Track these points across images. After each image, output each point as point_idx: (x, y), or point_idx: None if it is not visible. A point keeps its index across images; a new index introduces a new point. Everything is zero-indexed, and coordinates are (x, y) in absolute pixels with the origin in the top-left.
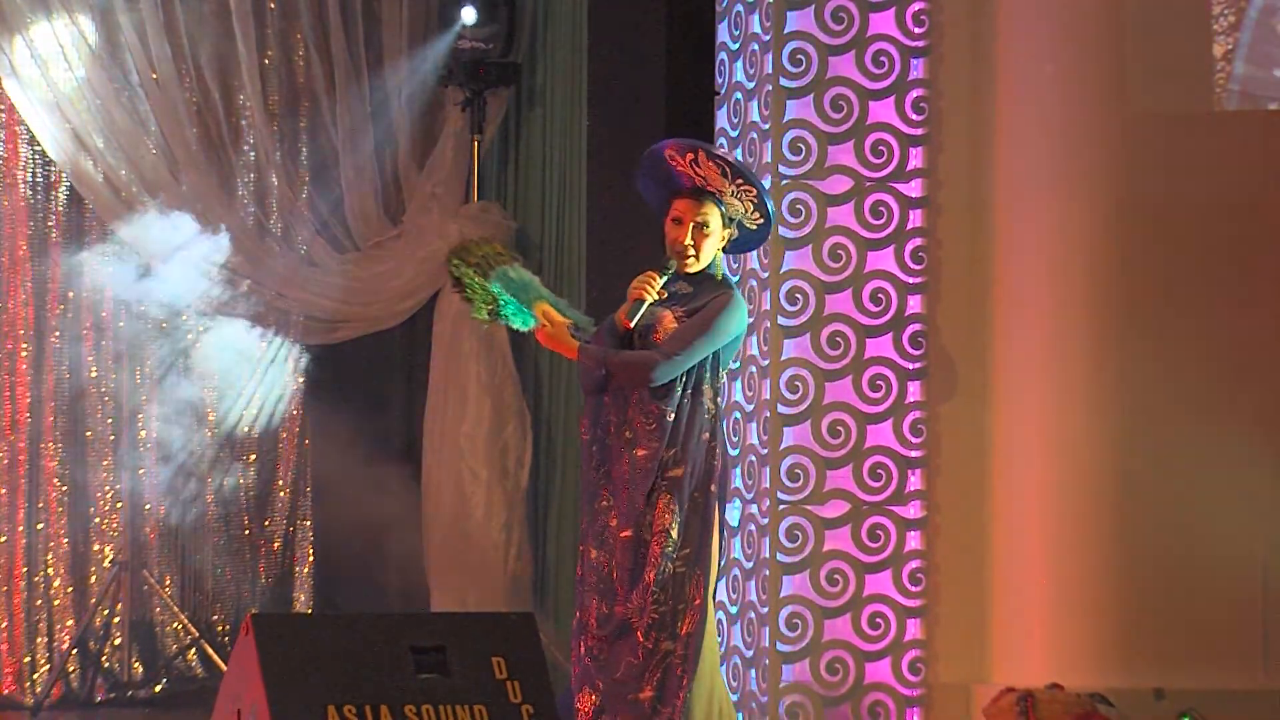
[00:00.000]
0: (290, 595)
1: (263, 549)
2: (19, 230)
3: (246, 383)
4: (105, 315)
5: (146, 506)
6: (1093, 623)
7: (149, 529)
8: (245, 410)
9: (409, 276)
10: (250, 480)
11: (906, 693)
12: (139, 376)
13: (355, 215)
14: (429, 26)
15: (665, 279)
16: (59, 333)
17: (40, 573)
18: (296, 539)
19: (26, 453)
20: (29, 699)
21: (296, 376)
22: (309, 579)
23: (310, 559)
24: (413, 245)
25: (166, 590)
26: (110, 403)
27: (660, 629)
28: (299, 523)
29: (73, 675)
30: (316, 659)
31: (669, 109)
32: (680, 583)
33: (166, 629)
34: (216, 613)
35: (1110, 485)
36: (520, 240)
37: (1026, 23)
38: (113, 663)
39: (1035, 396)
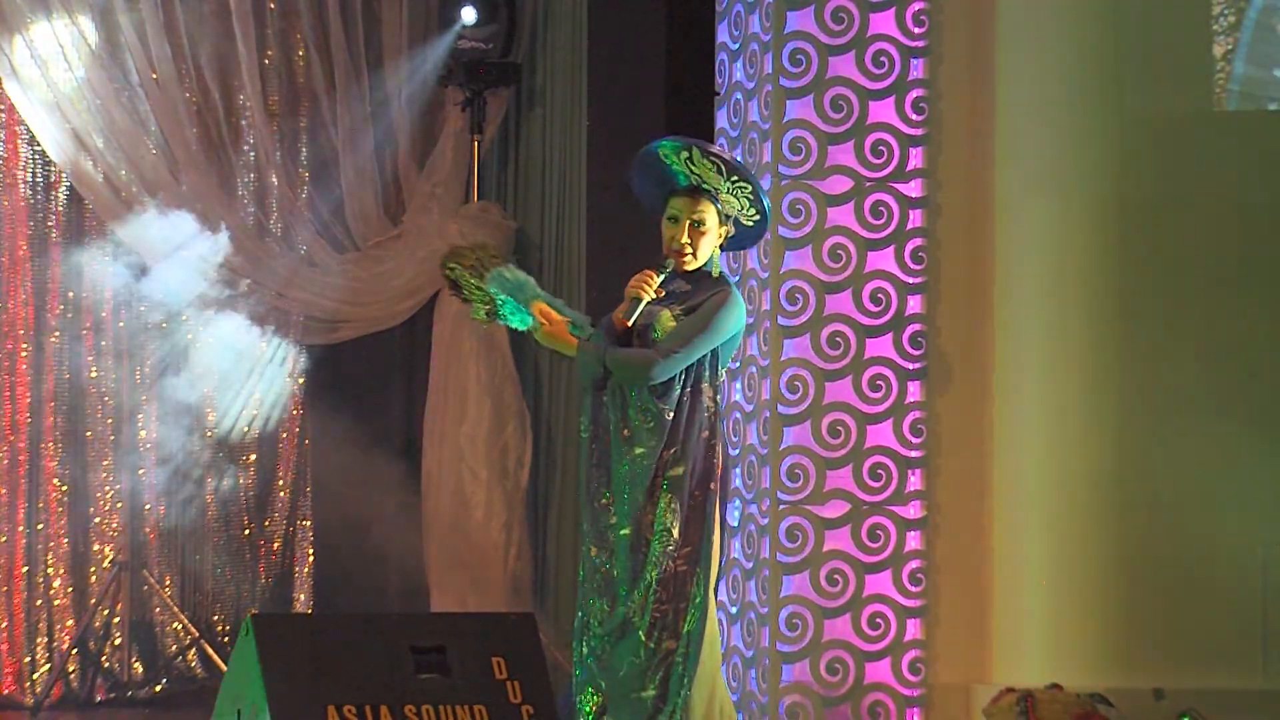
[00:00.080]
0: (290, 595)
1: (263, 549)
2: (19, 230)
3: (246, 383)
4: (105, 315)
5: (146, 506)
6: (1093, 623)
7: (149, 529)
8: (245, 410)
9: (409, 276)
10: (250, 480)
11: (906, 693)
12: (139, 376)
13: (355, 215)
14: (429, 26)
15: (663, 277)
16: (59, 333)
17: (40, 573)
18: (296, 539)
19: (26, 453)
20: (29, 699)
21: (296, 376)
22: (309, 579)
23: (310, 559)
24: (413, 245)
25: (166, 590)
26: (110, 403)
27: (662, 628)
28: (299, 523)
29: (73, 675)
30: (316, 659)
31: (669, 109)
32: (682, 581)
33: (166, 629)
34: (216, 613)
35: (1110, 485)
36: (520, 240)
37: (1026, 23)
38: (113, 663)
39: (1035, 396)
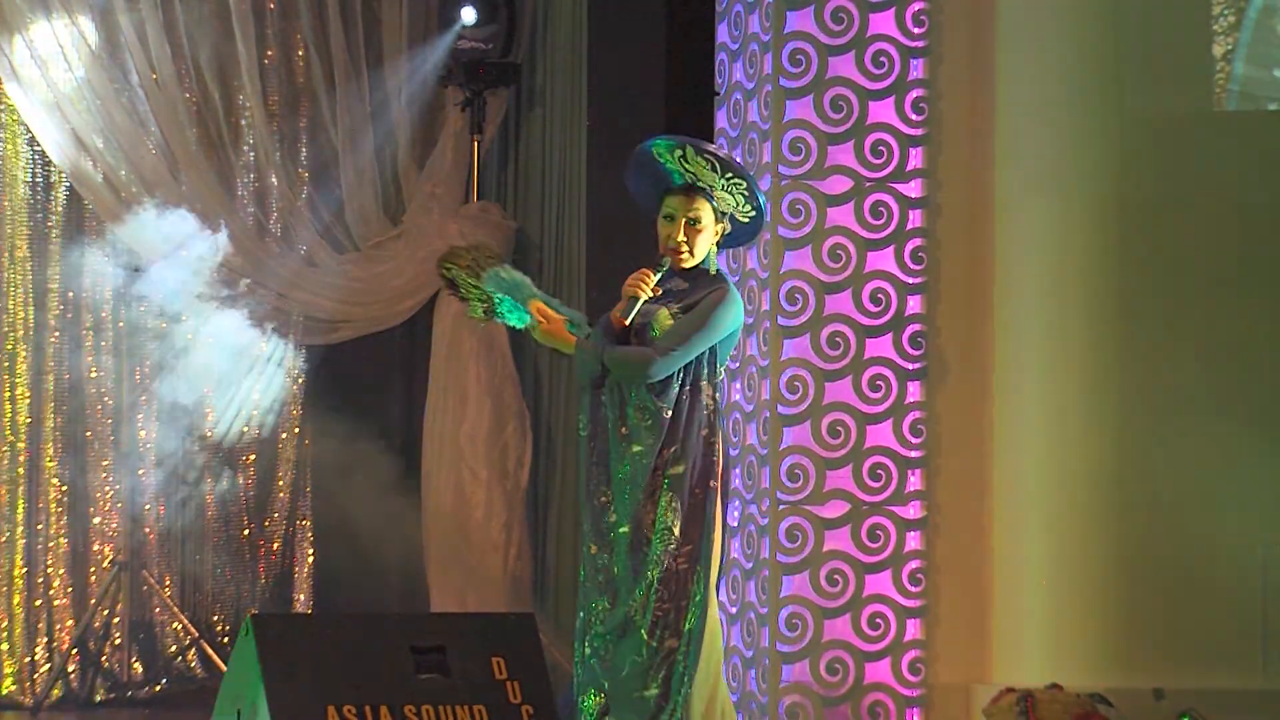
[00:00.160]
0: (290, 595)
1: (262, 549)
2: (19, 230)
3: (246, 383)
4: (105, 315)
5: (146, 507)
6: (1093, 623)
7: (148, 529)
8: (245, 410)
9: (409, 276)
10: (250, 480)
11: (906, 693)
12: (138, 376)
13: (355, 215)
14: (429, 26)
15: (659, 276)
16: (59, 333)
17: (40, 573)
18: (296, 539)
19: (26, 453)
20: (29, 699)
21: (296, 376)
22: (309, 579)
23: (310, 559)
24: (413, 245)
25: (166, 590)
26: (110, 403)
27: (664, 627)
28: (299, 523)
29: (73, 675)
30: (316, 659)
31: (669, 109)
32: (683, 580)
33: (166, 629)
34: (216, 613)
35: (1110, 485)
36: (520, 240)
37: (1026, 23)
38: (113, 663)
39: (1035, 396)
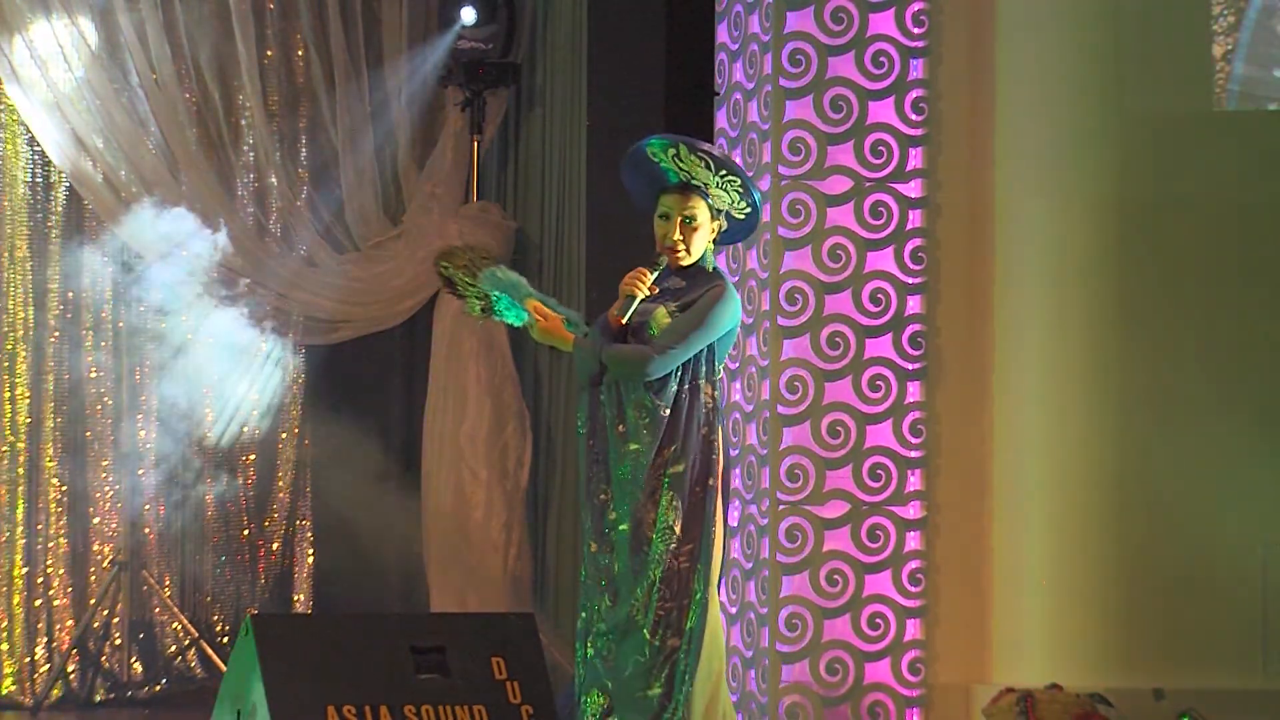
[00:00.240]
0: (290, 595)
1: (262, 549)
2: (19, 230)
3: (246, 383)
4: (104, 315)
5: (145, 507)
6: (1093, 623)
7: (148, 529)
8: (245, 410)
9: (409, 276)
10: (250, 480)
11: (906, 693)
12: (138, 376)
13: (355, 215)
14: (429, 26)
15: (656, 275)
16: (59, 333)
17: (40, 573)
18: (296, 539)
19: (26, 453)
20: (29, 699)
21: (296, 376)
22: (309, 579)
23: (310, 559)
24: (413, 245)
25: (166, 591)
26: (109, 403)
27: (667, 626)
28: (299, 523)
29: (72, 675)
30: (316, 659)
31: (669, 109)
32: (685, 578)
33: (166, 629)
34: (216, 613)
35: (1110, 485)
36: (520, 240)
37: (1026, 23)
38: (112, 663)
39: (1035, 397)
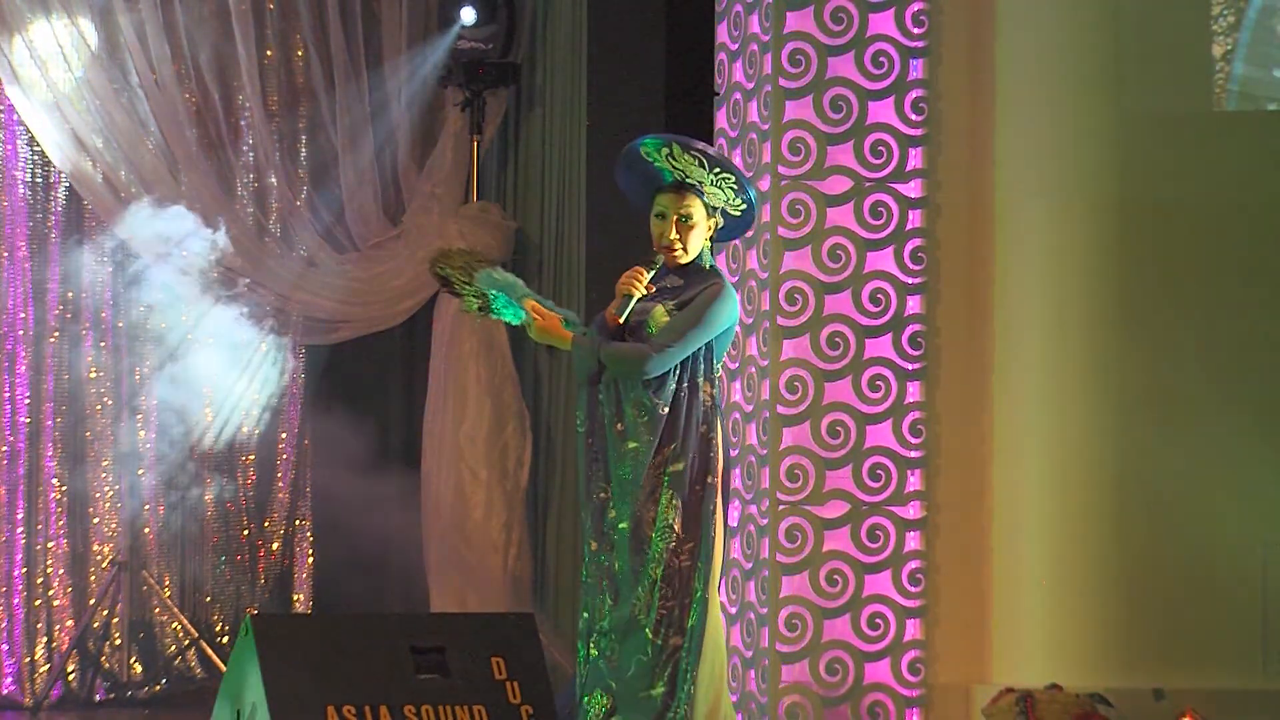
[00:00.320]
0: (290, 595)
1: (262, 550)
2: (19, 230)
3: (245, 383)
4: (105, 315)
5: (145, 507)
6: (1093, 623)
7: (148, 529)
8: (244, 410)
9: (409, 276)
10: (249, 480)
11: (906, 693)
12: (138, 376)
13: (355, 215)
14: (429, 26)
15: (653, 273)
16: (59, 333)
17: (40, 573)
18: (296, 539)
19: (26, 453)
20: (29, 699)
21: (296, 377)
22: (309, 579)
23: (310, 559)
24: (413, 245)
25: (165, 591)
26: (109, 403)
27: (669, 625)
28: (298, 523)
29: (72, 675)
30: (316, 659)
31: (669, 109)
32: (686, 577)
33: (165, 629)
34: (215, 613)
35: (1109, 485)
36: (520, 240)
37: (1026, 23)
38: (112, 663)
39: (1034, 397)
